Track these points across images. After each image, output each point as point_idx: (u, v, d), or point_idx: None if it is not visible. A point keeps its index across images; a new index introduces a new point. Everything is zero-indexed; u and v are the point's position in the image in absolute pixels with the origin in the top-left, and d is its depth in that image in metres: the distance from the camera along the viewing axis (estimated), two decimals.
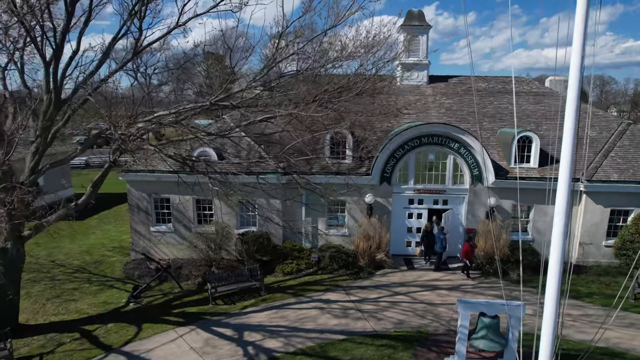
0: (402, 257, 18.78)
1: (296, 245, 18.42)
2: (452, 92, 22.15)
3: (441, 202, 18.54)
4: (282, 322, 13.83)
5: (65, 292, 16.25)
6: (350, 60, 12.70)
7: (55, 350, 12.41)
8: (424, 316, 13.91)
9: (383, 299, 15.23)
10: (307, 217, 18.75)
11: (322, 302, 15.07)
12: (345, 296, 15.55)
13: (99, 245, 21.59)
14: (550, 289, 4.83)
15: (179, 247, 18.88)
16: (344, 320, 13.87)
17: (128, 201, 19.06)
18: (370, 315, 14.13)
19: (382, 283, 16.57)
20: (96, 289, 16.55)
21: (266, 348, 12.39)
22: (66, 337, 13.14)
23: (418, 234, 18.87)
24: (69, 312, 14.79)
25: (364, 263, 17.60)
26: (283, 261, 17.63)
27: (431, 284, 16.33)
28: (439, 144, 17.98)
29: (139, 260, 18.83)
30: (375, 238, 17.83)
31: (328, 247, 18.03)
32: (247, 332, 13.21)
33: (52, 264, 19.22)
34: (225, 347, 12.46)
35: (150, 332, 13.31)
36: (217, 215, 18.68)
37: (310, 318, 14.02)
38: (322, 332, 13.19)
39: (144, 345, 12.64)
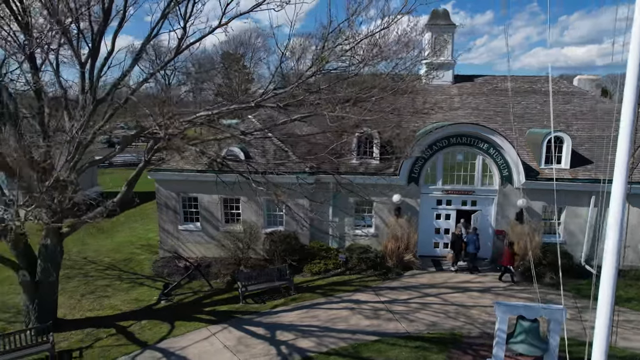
0: (430, 258, 18.65)
1: (323, 245, 18.45)
2: (478, 91, 21.92)
3: (470, 203, 18.36)
4: (313, 322, 13.86)
5: (98, 288, 16.56)
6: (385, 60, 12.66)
7: (94, 345, 12.66)
8: (457, 318, 13.79)
9: (413, 300, 15.15)
10: (334, 217, 18.75)
11: (352, 303, 15.06)
12: (375, 297, 15.51)
13: (127, 243, 21.93)
14: (604, 295, 4.65)
15: (206, 245, 19.07)
16: (376, 321, 13.84)
17: (157, 200, 19.31)
18: (402, 316, 14.07)
19: (412, 284, 16.48)
20: (127, 286, 16.82)
21: (299, 348, 12.43)
22: (103, 332, 13.39)
23: (446, 235, 18.72)
24: (103, 308, 15.07)
25: (392, 264, 17.53)
26: (311, 261, 17.67)
27: (462, 286, 16.18)
28: (467, 144, 17.81)
29: (167, 258, 19.08)
30: (403, 239, 17.75)
31: (355, 247, 18.01)
32: (279, 332, 13.28)
33: (84, 260, 19.61)
34: (258, 346, 12.55)
35: (183, 330, 13.47)
36: (244, 215, 18.80)
37: (342, 318, 14.02)
38: (354, 332, 13.18)
39: (178, 342, 12.80)
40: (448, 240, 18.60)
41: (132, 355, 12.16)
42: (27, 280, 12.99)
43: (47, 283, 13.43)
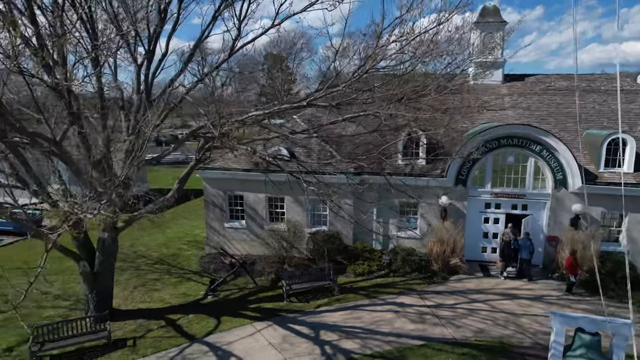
0: (477, 263, 18.10)
1: (367, 247, 18.32)
2: (530, 91, 21.04)
3: (520, 207, 17.66)
4: (357, 323, 13.79)
5: (148, 281, 17.22)
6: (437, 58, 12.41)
7: (146, 336, 13.17)
8: (506, 326, 13.29)
9: (460, 306, 14.75)
10: (378, 219, 18.58)
11: (397, 306, 14.85)
12: (420, 301, 15.22)
13: (175, 238, 22.69)
14: None
15: (251, 243, 19.40)
16: (421, 325, 13.58)
17: (204, 198, 19.84)
18: (448, 321, 13.73)
19: (458, 289, 16.05)
20: (175, 281, 17.38)
21: (343, 349, 12.39)
22: (153, 324, 13.91)
23: (494, 239, 18.11)
24: (153, 300, 15.65)
25: (437, 267, 17.15)
26: (354, 262, 17.59)
27: (510, 293, 15.59)
28: (518, 145, 17.14)
29: (212, 254, 19.57)
30: (450, 242, 17.32)
31: (400, 249, 17.76)
32: (322, 331, 13.30)
33: (134, 254, 20.46)
34: (302, 345, 12.61)
35: (229, 325, 13.76)
36: (289, 214, 18.98)
37: (386, 321, 13.86)
38: (399, 336, 12.99)
39: (225, 337, 13.09)
40: (496, 244, 17.99)
41: (181, 348, 12.55)
42: (87, 271, 13.69)
43: (104, 274, 14.12)
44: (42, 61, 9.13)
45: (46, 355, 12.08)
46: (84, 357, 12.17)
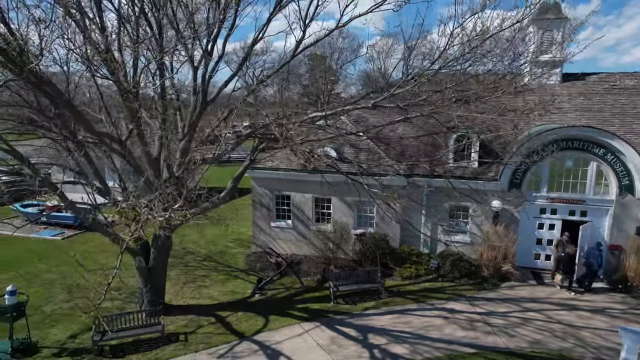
0: (530, 270, 17.35)
1: (414, 250, 17.98)
2: (591, 91, 19.93)
3: (579, 214, 16.76)
4: (405, 328, 13.54)
5: (197, 278, 17.67)
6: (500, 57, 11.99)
7: (197, 331, 13.51)
8: (565, 339, 12.63)
9: (513, 314, 14.17)
10: (426, 222, 18.19)
11: (446, 312, 14.48)
12: (470, 307, 14.76)
13: (221, 236, 23.13)
14: None
15: (297, 243, 19.51)
16: (472, 332, 13.16)
17: (252, 197, 20.14)
18: (500, 330, 13.22)
19: (510, 297, 15.44)
20: (223, 278, 17.74)
21: (392, 353, 12.19)
22: (204, 320, 14.24)
23: (549, 246, 17.28)
24: (202, 297, 16.04)
25: (487, 274, 16.58)
26: (402, 265, 17.31)
27: (568, 304, 14.82)
28: (579, 149, 16.28)
29: (258, 253, 19.83)
30: (501, 248, 16.70)
31: (448, 254, 17.30)
32: (371, 335, 13.15)
33: (183, 251, 21.07)
34: (350, 348, 12.52)
35: (277, 325, 13.87)
36: (335, 215, 18.94)
37: (436, 327, 13.53)
38: (449, 342, 12.64)
39: (273, 336, 13.20)
40: (550, 251, 17.16)
41: (231, 345, 12.77)
42: (142, 266, 14.21)
43: (158, 270, 14.61)
44: (116, 66, 9.55)
45: (106, 345, 12.62)
46: (140, 348, 12.63)
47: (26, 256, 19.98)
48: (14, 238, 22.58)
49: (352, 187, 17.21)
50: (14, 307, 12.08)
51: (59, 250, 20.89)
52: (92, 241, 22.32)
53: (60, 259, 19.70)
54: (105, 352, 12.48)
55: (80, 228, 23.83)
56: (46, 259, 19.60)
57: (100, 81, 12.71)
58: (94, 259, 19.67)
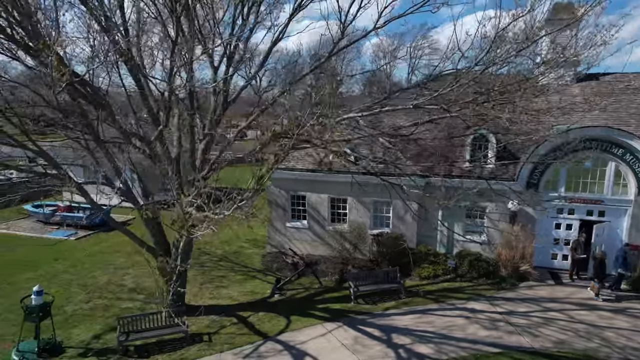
0: (547, 270, 17.38)
1: (431, 250, 18.00)
2: (606, 91, 19.94)
3: (596, 214, 16.79)
4: (428, 327, 13.57)
5: (215, 278, 17.68)
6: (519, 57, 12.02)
7: (220, 332, 13.53)
8: (590, 339, 12.66)
9: (534, 314, 14.20)
10: (443, 222, 18.19)
11: (467, 311, 14.51)
12: (491, 307, 14.79)
13: (234, 237, 23.13)
14: None
15: (312, 243, 19.52)
16: (495, 332, 13.19)
17: (267, 197, 20.16)
18: (523, 330, 13.25)
19: (529, 296, 15.48)
20: (241, 278, 17.76)
21: (417, 353, 12.22)
22: (225, 320, 14.26)
23: (566, 246, 17.31)
24: (221, 297, 16.06)
25: (506, 273, 16.62)
26: (420, 265, 17.33)
27: (588, 303, 14.85)
28: (597, 149, 16.31)
29: (274, 253, 19.85)
30: (519, 248, 16.74)
31: (466, 254, 17.33)
32: (394, 335, 13.17)
33: (198, 251, 21.04)
34: (375, 347, 12.55)
35: (299, 325, 13.89)
36: (351, 215, 18.96)
37: (458, 326, 13.56)
38: (474, 342, 12.67)
39: (297, 336, 13.22)
40: (567, 251, 17.20)
41: (255, 345, 12.79)
42: (164, 267, 14.21)
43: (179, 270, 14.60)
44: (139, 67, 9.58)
45: (131, 345, 12.64)
46: (164, 349, 12.65)
47: (42, 256, 19.95)
48: (28, 238, 22.67)
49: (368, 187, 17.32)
50: (41, 307, 12.09)
51: (73, 251, 20.94)
52: (106, 241, 22.35)
53: (76, 259, 19.75)
54: (130, 352, 12.49)
55: (92, 228, 23.86)
56: (62, 259, 19.60)
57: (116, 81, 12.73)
58: (107, 260, 19.72)
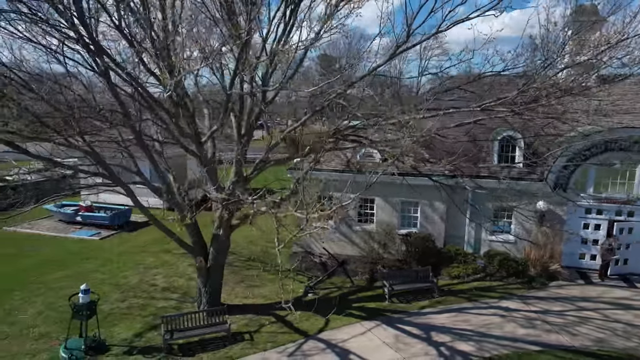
0: (575, 270, 17.54)
1: (459, 250, 18.17)
2: (630, 91, 20.14)
3: (625, 214, 16.97)
4: (465, 326, 13.73)
5: (246, 278, 17.82)
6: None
7: (260, 330, 13.67)
8: (629, 338, 12.82)
9: (569, 313, 14.37)
10: (470, 222, 18.39)
11: (501, 310, 14.67)
12: (524, 306, 14.95)
13: (258, 237, 23.16)
14: None
15: (339, 243, 19.66)
16: (532, 330, 13.36)
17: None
18: (561, 328, 13.42)
19: (561, 296, 15.64)
20: (272, 277, 17.86)
21: (459, 350, 12.38)
22: (263, 319, 14.39)
23: (594, 245, 17.48)
24: (255, 296, 16.20)
25: (535, 273, 16.79)
26: (449, 264, 17.49)
27: (622, 302, 15.03)
28: (626, 149, 16.49)
29: (300, 253, 19.98)
30: (548, 247, 16.92)
31: (494, 253, 17.51)
32: (433, 333, 13.33)
33: None
34: (416, 345, 12.71)
35: (338, 323, 14.03)
36: (378, 215, 19.11)
37: (495, 325, 13.72)
38: (513, 340, 12.84)
39: (337, 335, 13.37)
40: (596, 251, 17.38)
41: (297, 344, 12.94)
42: (202, 266, 14.36)
43: (216, 269, 14.77)
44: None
45: (174, 344, 12.76)
46: (207, 347, 12.77)
47: (69, 256, 20.09)
48: (53, 238, 22.77)
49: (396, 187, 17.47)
50: (88, 306, 12.22)
51: (99, 250, 21.04)
52: (130, 241, 22.46)
53: (104, 258, 19.85)
54: (175, 350, 12.62)
55: (115, 228, 23.99)
56: (91, 259, 19.71)
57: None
58: (135, 259, 19.83)
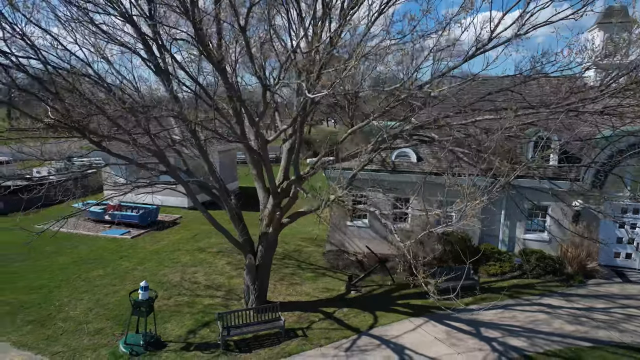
0: (611, 268, 17.81)
1: (494, 248, 18.41)
2: None
3: None
4: (513, 322, 13.97)
5: (286, 276, 18.00)
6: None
7: (312, 327, 13.85)
8: None
9: (613, 310, 14.62)
10: (505, 221, 18.63)
11: (545, 307, 14.91)
12: (567, 303, 15.20)
13: (290, 235, 23.43)
14: None
15: (373, 241, 19.87)
16: (581, 327, 13.59)
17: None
18: (609, 325, 13.66)
19: (601, 293, 15.90)
20: (311, 275, 18.09)
21: (512, 346, 12.61)
22: (312, 316, 14.58)
23: (629, 245, 17.75)
24: (298, 294, 16.38)
25: (572, 271, 17.04)
26: (486, 263, 17.72)
27: None
28: None
29: (334, 251, 20.20)
30: (584, 246, 17.17)
31: (530, 251, 17.75)
32: (482, 329, 13.56)
33: None
34: (469, 341, 12.93)
35: (386, 320, 14.25)
36: (413, 214, 19.32)
37: (542, 321, 13.96)
38: (563, 336, 13.07)
39: (388, 331, 13.58)
40: (632, 250, 17.65)
41: (351, 339, 13.13)
42: (252, 264, 14.55)
43: (264, 267, 14.96)
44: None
45: (230, 341, 12.95)
46: (264, 344, 12.95)
47: (105, 254, 20.26)
48: (85, 236, 22.93)
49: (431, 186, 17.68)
50: (147, 302, 12.40)
51: (133, 249, 21.20)
52: (162, 240, 22.62)
53: (140, 257, 20.01)
54: (231, 347, 12.80)
55: (144, 227, 24.15)
56: (127, 257, 19.88)
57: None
58: (171, 258, 20.00)
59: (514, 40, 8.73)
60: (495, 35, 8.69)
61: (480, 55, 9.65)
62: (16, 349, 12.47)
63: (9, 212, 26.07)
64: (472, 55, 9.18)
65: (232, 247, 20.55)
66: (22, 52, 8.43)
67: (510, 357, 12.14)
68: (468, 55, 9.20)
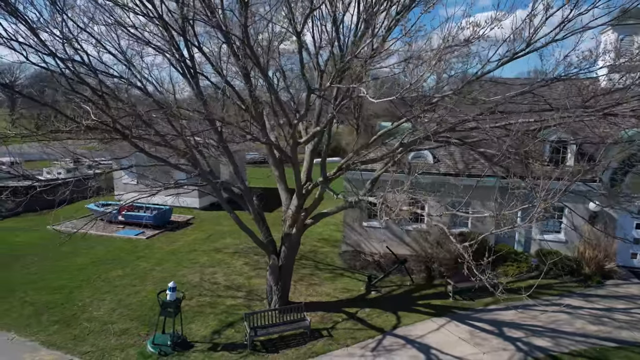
0: (628, 269, 17.95)
1: (510, 249, 18.53)
2: None
3: None
4: (534, 322, 14.09)
5: (304, 276, 18.08)
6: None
7: (336, 327, 13.96)
8: None
9: (634, 311, 14.74)
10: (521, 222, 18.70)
11: (565, 307, 15.02)
12: (587, 303, 15.33)
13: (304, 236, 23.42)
14: None
15: (389, 242, 19.97)
16: (603, 327, 13.71)
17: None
18: (632, 326, 13.78)
19: (621, 294, 16.03)
20: (329, 276, 18.18)
21: (536, 346, 12.73)
22: (335, 316, 14.68)
23: None
24: (319, 294, 16.47)
25: (589, 271, 17.16)
26: (502, 263, 17.84)
27: None
28: None
29: (350, 252, 20.30)
30: (601, 247, 17.30)
31: (547, 252, 17.86)
32: (505, 329, 13.68)
33: None
34: (493, 341, 13.05)
35: (409, 320, 14.35)
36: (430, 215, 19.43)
37: (564, 321, 14.08)
38: (586, 336, 13.19)
39: (412, 331, 13.69)
40: None
41: (377, 339, 13.24)
42: (275, 264, 14.64)
43: (287, 268, 15.05)
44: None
45: (256, 341, 13.04)
46: (290, 344, 13.05)
47: (123, 254, 20.33)
48: (100, 237, 22.99)
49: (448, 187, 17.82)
50: (175, 303, 12.49)
51: (149, 249, 21.27)
52: (177, 240, 22.70)
53: (157, 257, 20.08)
54: (258, 347, 12.89)
55: (160, 228, 24.23)
56: (144, 258, 19.96)
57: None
58: (188, 258, 20.09)
59: (550, 44, 8.86)
60: (533, 41, 8.82)
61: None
62: (45, 348, 12.56)
63: (21, 213, 26.29)
64: (509, 60, 9.30)
65: (248, 247, 20.86)
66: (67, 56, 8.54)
67: (536, 356, 12.26)
68: (502, 60, 9.33)
